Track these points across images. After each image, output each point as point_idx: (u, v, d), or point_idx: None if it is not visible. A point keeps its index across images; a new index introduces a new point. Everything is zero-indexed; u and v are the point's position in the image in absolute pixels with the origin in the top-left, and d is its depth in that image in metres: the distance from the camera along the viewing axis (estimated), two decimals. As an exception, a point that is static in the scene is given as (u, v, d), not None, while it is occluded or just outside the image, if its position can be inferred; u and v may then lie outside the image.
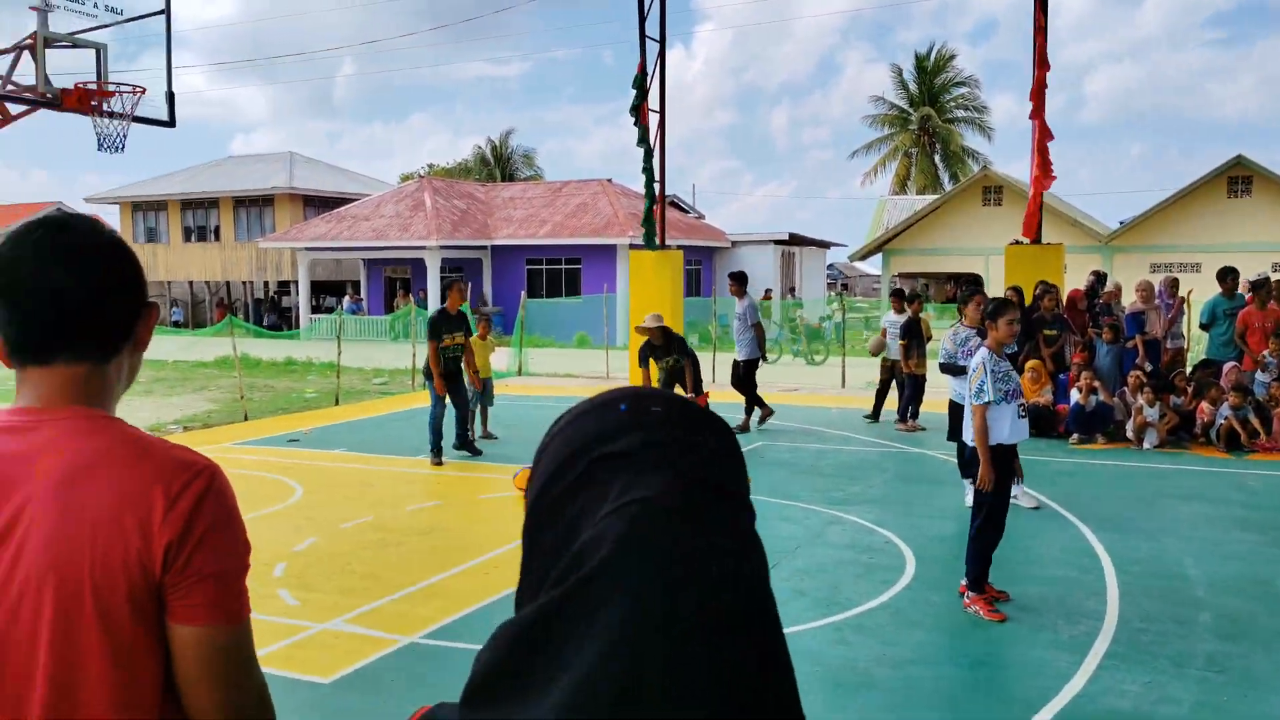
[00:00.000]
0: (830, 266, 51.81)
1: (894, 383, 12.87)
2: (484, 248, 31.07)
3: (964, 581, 5.97)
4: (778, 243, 33.10)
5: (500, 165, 51.98)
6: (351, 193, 37.84)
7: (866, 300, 45.41)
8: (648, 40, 16.26)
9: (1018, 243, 14.70)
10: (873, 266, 48.15)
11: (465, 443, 10.98)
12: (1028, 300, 11.70)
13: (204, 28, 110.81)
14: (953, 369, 8.26)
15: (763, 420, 12.59)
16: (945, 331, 8.60)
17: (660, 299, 16.70)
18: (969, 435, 6.03)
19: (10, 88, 9.18)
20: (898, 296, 13.32)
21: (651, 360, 10.64)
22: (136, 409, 14.90)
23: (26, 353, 1.41)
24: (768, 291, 30.40)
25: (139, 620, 1.33)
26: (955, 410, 8.32)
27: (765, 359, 13.26)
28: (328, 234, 31.85)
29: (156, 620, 1.34)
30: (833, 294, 39.33)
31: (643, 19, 16.14)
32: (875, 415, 12.97)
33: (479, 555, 7.20)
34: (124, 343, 1.47)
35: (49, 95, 9.10)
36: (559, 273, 30.72)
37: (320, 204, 37.11)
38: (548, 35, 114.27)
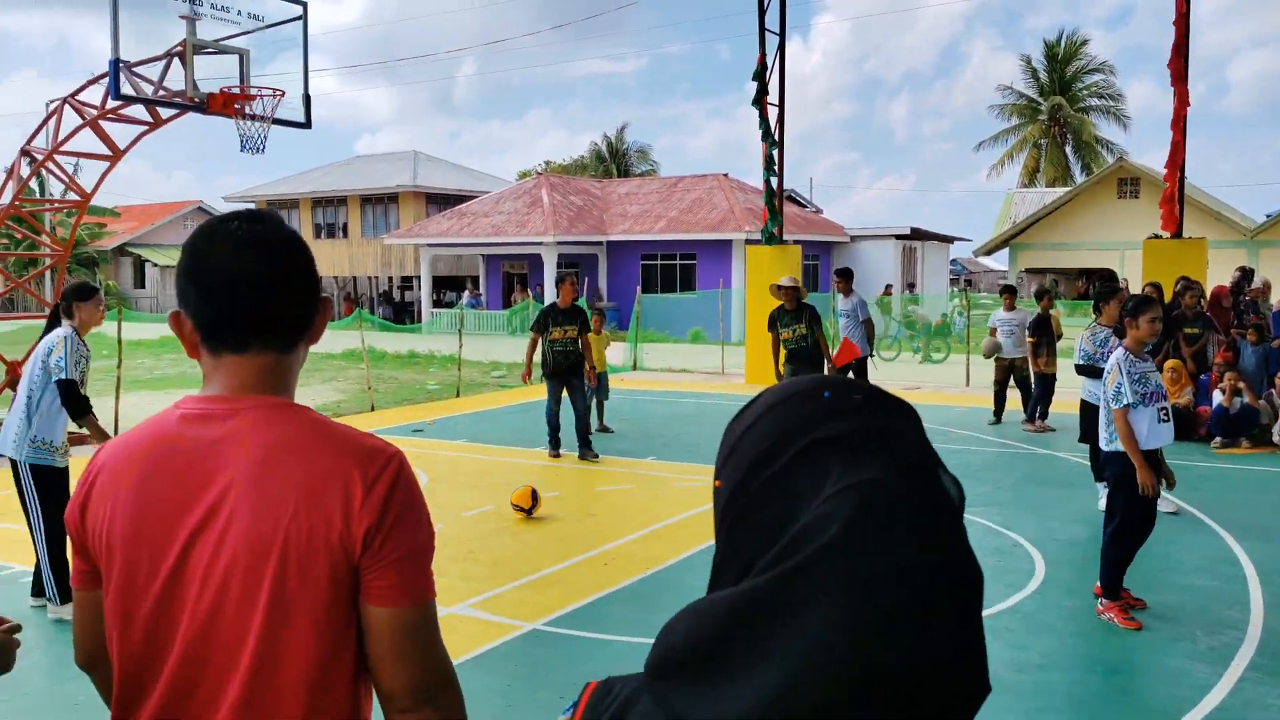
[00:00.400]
0: (953, 262, 50.53)
1: (1011, 381, 12.47)
2: (599, 243, 31.34)
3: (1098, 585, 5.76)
4: (899, 237, 32.44)
5: (616, 161, 52.32)
6: (472, 190, 38.66)
7: (991, 296, 44.15)
8: (767, 33, 16.14)
9: (1156, 237, 14.09)
10: (998, 262, 46.73)
11: (584, 443, 10.42)
12: (1167, 297, 11.20)
13: (331, 32, 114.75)
14: (1091, 370, 7.86)
15: None
16: (1082, 331, 8.25)
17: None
18: (1104, 439, 5.77)
19: (161, 93, 9.68)
20: (1009, 293, 12.82)
21: (779, 328, 10.53)
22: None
23: (223, 340, 1.46)
24: (888, 287, 29.82)
25: (339, 598, 1.39)
26: (1087, 411, 8.01)
27: (873, 355, 12.88)
28: (449, 230, 32.60)
29: (352, 599, 1.40)
30: (955, 290, 38.40)
31: (762, 12, 16.03)
32: (998, 417, 12.57)
33: (597, 546, 7.28)
34: (305, 333, 1.52)
35: (196, 99, 9.57)
36: (674, 268, 30.77)
37: (442, 201, 38.02)
38: (664, 31, 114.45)
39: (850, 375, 11.10)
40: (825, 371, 10.52)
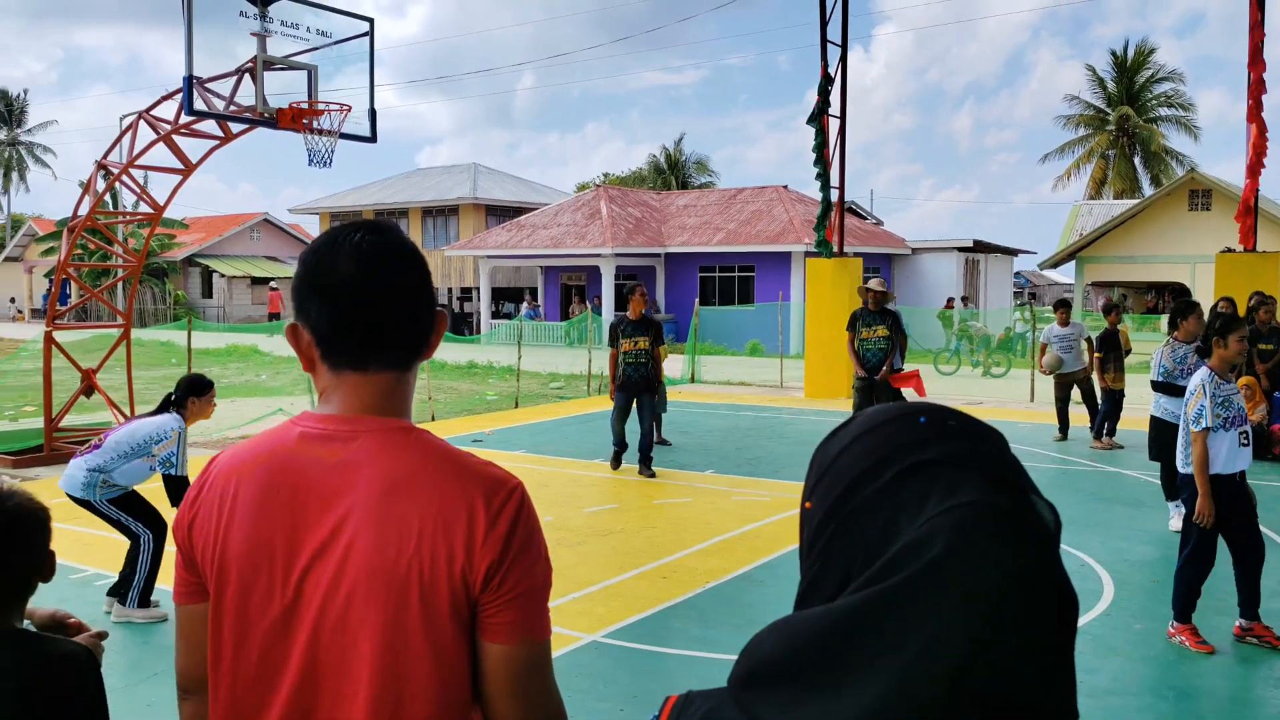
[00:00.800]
0: (1017, 275, 49.72)
1: (1071, 397, 12.20)
2: (657, 255, 31.39)
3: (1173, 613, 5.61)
4: (961, 250, 32.03)
5: (674, 172, 52.39)
6: (530, 202, 38.98)
7: (1055, 310, 43.34)
8: (829, 45, 16.07)
9: (1230, 250, 13.74)
10: (1064, 275, 45.91)
11: (644, 461, 10.16)
12: (1240, 312, 10.90)
13: (392, 46, 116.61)
14: (1169, 388, 7.64)
15: None
16: (1159, 346, 8.02)
17: (838, 307, 16.45)
18: (1181, 460, 5.59)
19: (233, 108, 9.91)
20: (1062, 307, 12.37)
21: (859, 327, 10.73)
22: (334, 407, 15.78)
23: (343, 357, 1.41)
24: (949, 300, 29.44)
25: (459, 630, 1.35)
26: (1160, 428, 7.81)
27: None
28: (508, 242, 32.89)
29: (470, 633, 1.37)
30: (1019, 303, 37.77)
31: (824, 23, 15.97)
32: (1064, 433, 12.31)
33: (656, 559, 7.27)
34: (424, 350, 1.47)
35: (266, 114, 9.78)
36: (732, 280, 30.70)
37: (501, 213, 38.39)
38: (723, 43, 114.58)
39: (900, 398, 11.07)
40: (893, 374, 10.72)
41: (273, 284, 44.01)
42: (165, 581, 6.18)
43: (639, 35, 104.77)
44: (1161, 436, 7.63)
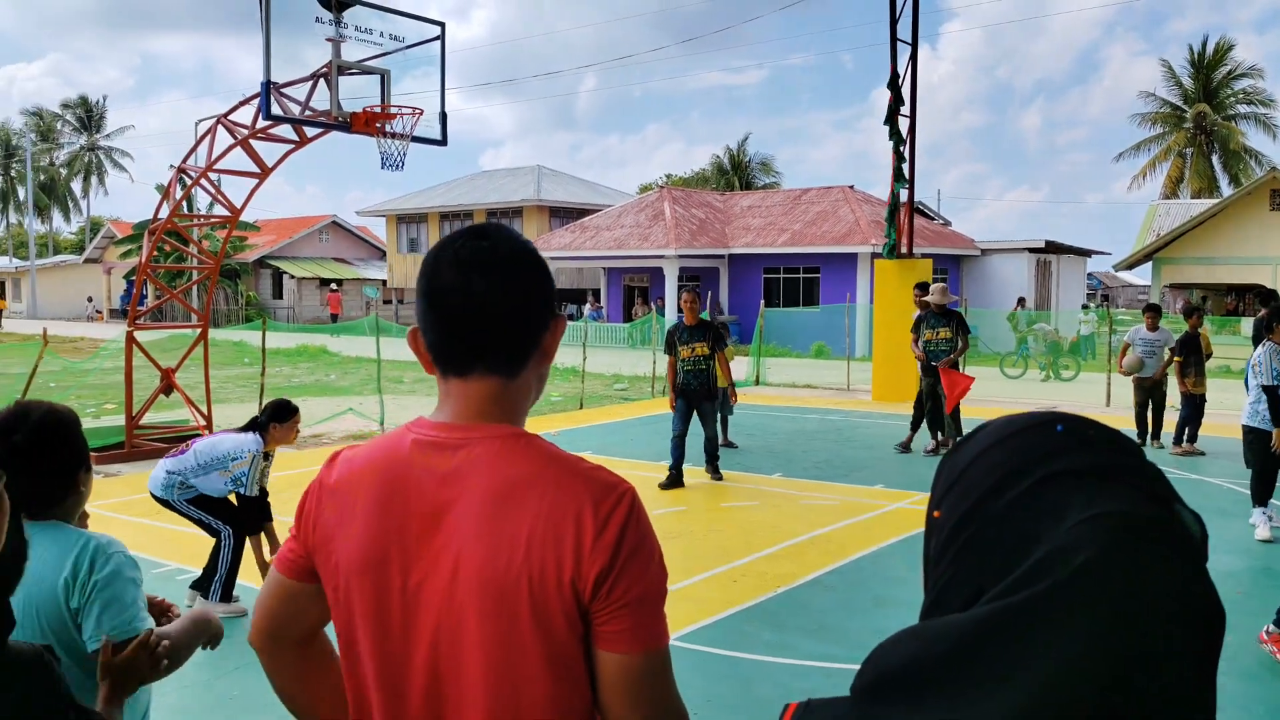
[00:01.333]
0: (1090, 276, 48.67)
1: (1151, 403, 11.89)
2: (721, 256, 31.29)
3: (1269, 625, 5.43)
4: (1032, 250, 31.43)
5: (738, 173, 52.21)
6: (593, 203, 39.14)
7: (1130, 312, 42.36)
8: (899, 43, 15.88)
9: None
10: (1139, 276, 44.85)
11: (711, 464, 10.07)
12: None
13: (455, 50, 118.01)
14: None
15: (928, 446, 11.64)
16: (1257, 351, 7.66)
17: (906, 309, 16.25)
18: (1248, 413, 5.68)
19: (308, 113, 10.09)
20: (1152, 311, 12.11)
21: (924, 329, 10.96)
22: (406, 406, 15.98)
23: (449, 363, 1.43)
24: (1020, 300, 28.91)
25: (574, 639, 1.34)
26: (1254, 436, 7.53)
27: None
28: (571, 244, 33.04)
29: (586, 640, 1.36)
30: (1092, 305, 36.95)
31: (894, 21, 15.78)
32: (1142, 439, 12.00)
33: (725, 563, 7.23)
34: (532, 355, 1.46)
35: (340, 119, 9.95)
36: (796, 281, 30.49)
37: (564, 214, 38.60)
38: (785, 43, 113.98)
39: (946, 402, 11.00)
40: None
41: (333, 285, 44.83)
42: (245, 578, 6.31)
43: (706, 36, 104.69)
44: (1257, 444, 7.42)
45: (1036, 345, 22.82)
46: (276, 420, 6.08)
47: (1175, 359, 11.42)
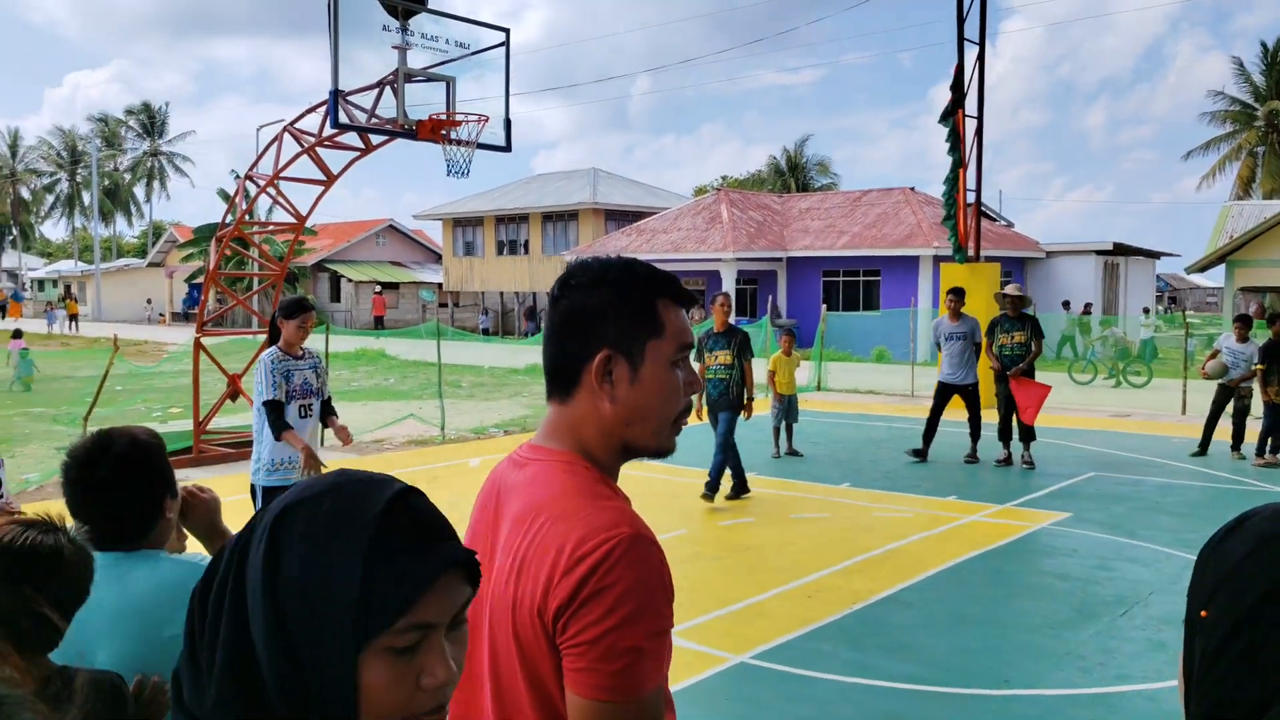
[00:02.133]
0: (1157, 278, 47.57)
1: (1234, 408, 11.48)
2: (779, 259, 31.03)
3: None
4: (1099, 252, 30.73)
5: (795, 174, 51.83)
6: (649, 206, 39.05)
7: (1199, 316, 41.27)
8: (965, 42, 15.57)
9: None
10: (1210, 279, 43.64)
11: (710, 484, 9.17)
12: None
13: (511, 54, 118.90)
14: None
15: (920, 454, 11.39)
16: None
17: (973, 314, 15.92)
18: None
19: (374, 120, 10.10)
20: (1241, 323, 11.67)
21: (998, 333, 10.90)
22: (464, 411, 16.01)
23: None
24: (1087, 306, 28.26)
25: (553, 669, 1.32)
26: None
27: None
28: (628, 247, 32.97)
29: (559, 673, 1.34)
30: (1157, 308, 36.05)
31: (961, 20, 15.47)
32: (1204, 446, 11.59)
33: (798, 578, 7.06)
34: (581, 379, 1.45)
35: (406, 126, 9.94)
36: (856, 285, 30.12)
37: (620, 217, 38.56)
38: (842, 42, 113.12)
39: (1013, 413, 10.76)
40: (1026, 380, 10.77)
41: (377, 288, 45.36)
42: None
43: (770, 37, 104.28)
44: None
45: (1105, 350, 22.29)
46: (283, 316, 5.95)
47: (1258, 367, 11.02)
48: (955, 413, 11.66)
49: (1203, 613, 0.83)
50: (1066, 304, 28.16)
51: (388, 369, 24.56)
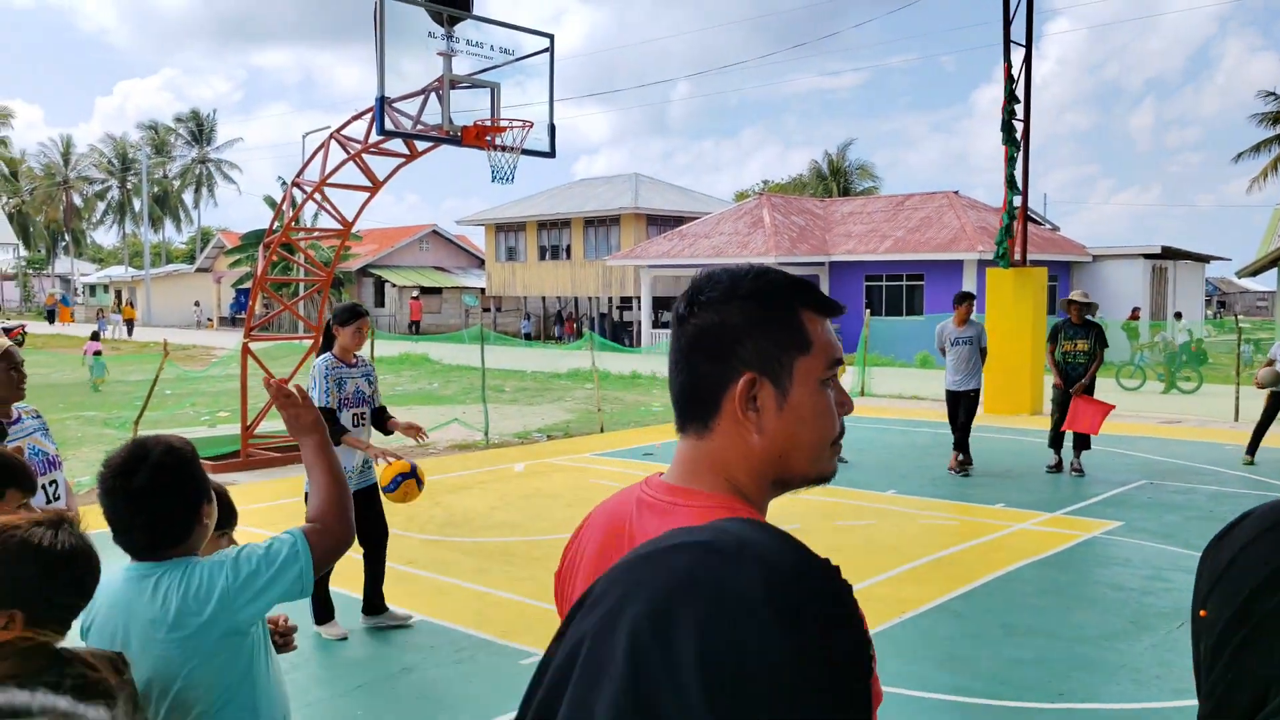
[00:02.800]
0: (1206, 282, 46.71)
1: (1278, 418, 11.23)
2: (821, 264, 30.86)
3: None
4: (1148, 256, 30.22)
5: (837, 179, 51.54)
6: (691, 211, 39.01)
7: (1250, 320, 40.43)
8: (1012, 45, 15.38)
9: None
10: (1261, 283, 42.79)
11: None
12: None
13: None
14: None
15: (962, 467, 11.04)
16: None
17: (1020, 319, 15.74)
18: None
19: (420, 127, 10.17)
20: None
21: (1060, 339, 10.74)
22: (508, 416, 16.08)
23: (676, 418, 1.34)
24: (1134, 310, 27.79)
25: None
26: None
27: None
28: (669, 252, 32.96)
29: None
30: (1208, 313, 35.37)
31: (1008, 22, 15.29)
32: (1252, 451, 11.34)
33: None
34: (715, 410, 1.28)
35: (451, 133, 9.99)
36: (899, 289, 29.87)
37: (662, 222, 38.55)
38: (884, 45, 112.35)
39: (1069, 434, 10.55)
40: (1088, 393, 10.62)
41: (414, 294, 45.76)
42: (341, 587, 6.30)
43: (811, 41, 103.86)
44: None
45: (1154, 355, 21.90)
46: (337, 323, 5.90)
47: (1317, 373, 10.75)
48: (995, 418, 11.53)
49: (1201, 612, 0.84)
50: (1136, 311, 27.64)
51: (431, 374, 24.73)
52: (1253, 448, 11.39)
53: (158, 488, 2.08)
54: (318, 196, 11.56)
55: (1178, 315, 30.60)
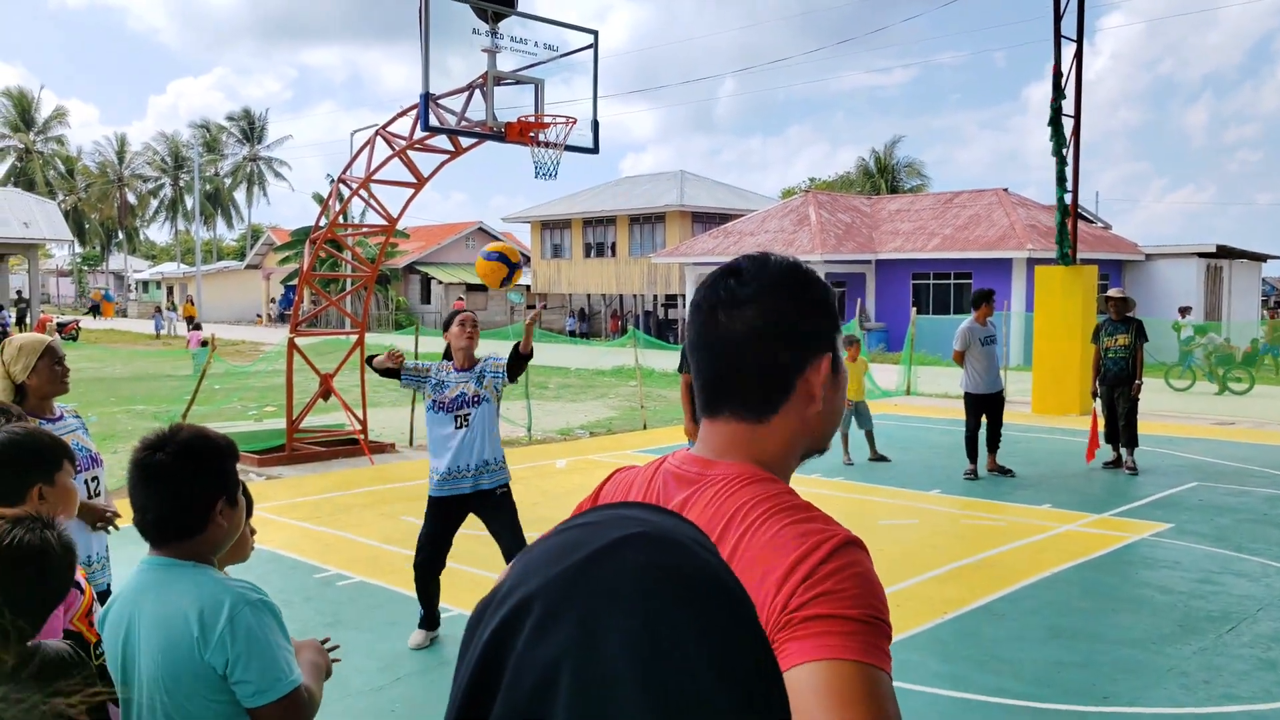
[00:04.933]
0: (1262, 282, 45.69)
1: None
2: (868, 262, 30.60)
3: None
4: (1202, 255, 29.60)
5: (884, 176, 51.10)
6: (736, 208, 38.89)
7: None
8: (1063, 40, 15.13)
9: None
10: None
11: None
12: None
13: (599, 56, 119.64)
14: None
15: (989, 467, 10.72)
16: None
17: (1070, 318, 15.48)
18: None
19: (464, 123, 10.23)
20: None
21: (1102, 337, 10.86)
22: (551, 412, 16.13)
23: (702, 406, 1.37)
24: (1183, 309, 27.23)
25: None
26: None
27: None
28: (714, 249, 32.88)
29: None
30: (1264, 313, 34.52)
31: (1058, 17, 15.04)
32: None
33: (889, 586, 6.76)
34: (786, 399, 1.31)
35: (495, 129, 10.04)
36: (946, 288, 29.54)
37: (707, 220, 38.48)
38: (933, 41, 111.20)
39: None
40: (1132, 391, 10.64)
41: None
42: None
43: (860, 36, 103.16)
44: None
45: (1205, 356, 21.44)
46: (444, 330, 6.07)
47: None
48: (1043, 418, 11.35)
49: None
50: (1184, 310, 27.07)
51: (475, 370, 24.85)
52: None
53: (177, 468, 2.06)
54: (363, 193, 11.67)
55: (1182, 311, 29.90)
